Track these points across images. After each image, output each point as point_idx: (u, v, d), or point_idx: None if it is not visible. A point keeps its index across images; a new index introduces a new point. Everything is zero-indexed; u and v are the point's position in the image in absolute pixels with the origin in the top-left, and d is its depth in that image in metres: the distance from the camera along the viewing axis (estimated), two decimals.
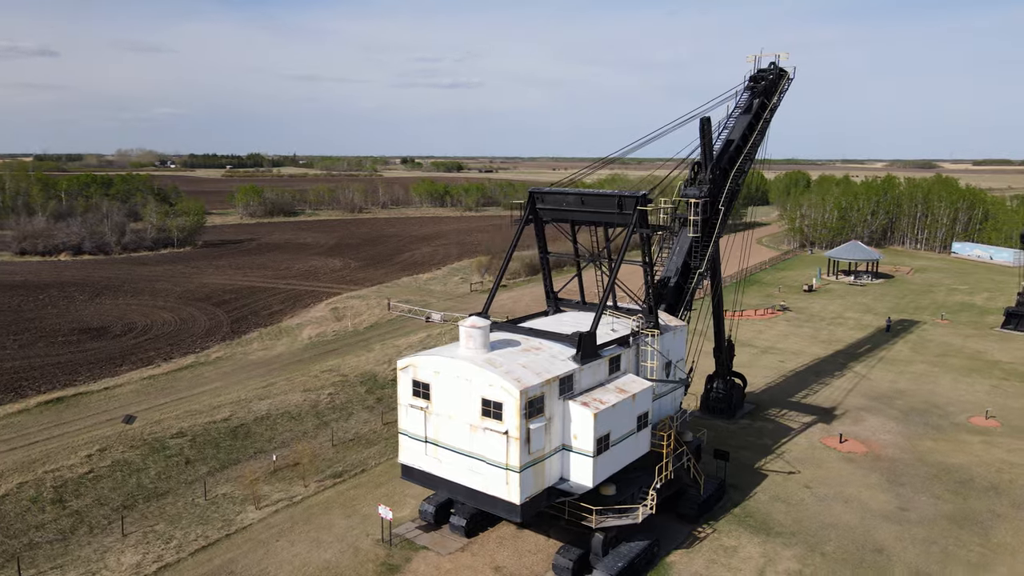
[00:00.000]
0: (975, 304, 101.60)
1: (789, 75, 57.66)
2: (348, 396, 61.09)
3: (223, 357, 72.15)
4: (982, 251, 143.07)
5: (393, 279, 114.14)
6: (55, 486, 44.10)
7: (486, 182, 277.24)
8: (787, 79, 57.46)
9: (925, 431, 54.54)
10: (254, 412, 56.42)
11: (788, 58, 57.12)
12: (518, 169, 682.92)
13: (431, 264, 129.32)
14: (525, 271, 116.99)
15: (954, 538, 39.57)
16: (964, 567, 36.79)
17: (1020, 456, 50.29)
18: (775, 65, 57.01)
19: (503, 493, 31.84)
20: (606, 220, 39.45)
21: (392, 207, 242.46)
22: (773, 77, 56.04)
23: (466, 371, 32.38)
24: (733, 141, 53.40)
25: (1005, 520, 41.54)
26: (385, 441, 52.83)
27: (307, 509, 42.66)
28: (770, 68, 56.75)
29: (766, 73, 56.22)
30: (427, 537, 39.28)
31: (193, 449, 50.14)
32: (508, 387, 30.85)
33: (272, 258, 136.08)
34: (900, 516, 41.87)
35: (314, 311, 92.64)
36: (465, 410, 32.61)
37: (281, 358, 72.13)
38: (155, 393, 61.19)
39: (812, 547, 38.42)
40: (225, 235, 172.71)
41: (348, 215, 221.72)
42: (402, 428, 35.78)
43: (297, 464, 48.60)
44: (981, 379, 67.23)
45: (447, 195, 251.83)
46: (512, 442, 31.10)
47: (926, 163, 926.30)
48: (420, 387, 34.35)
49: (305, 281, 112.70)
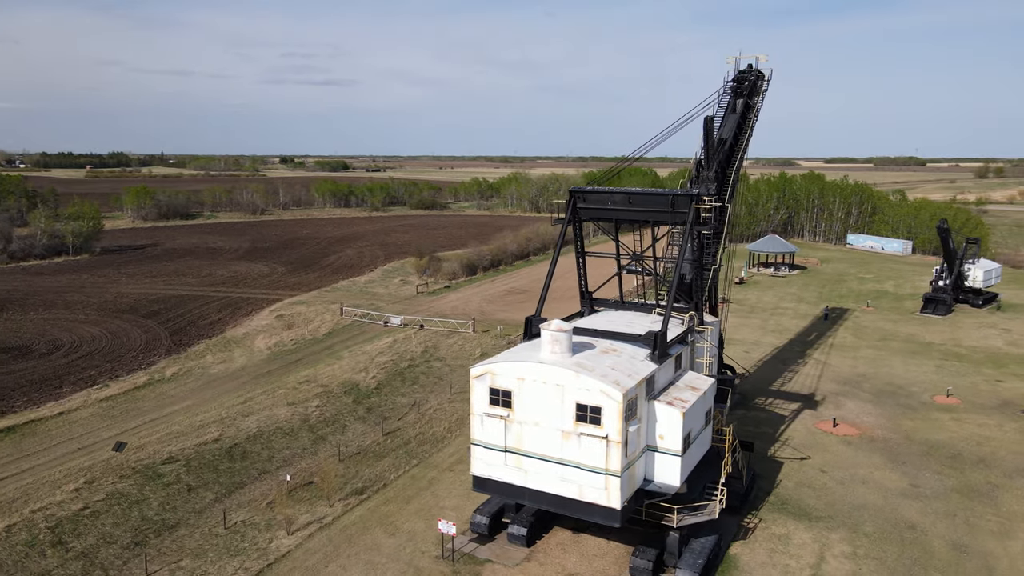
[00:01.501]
0: (887, 291, 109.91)
1: (766, 76, 59.91)
2: (337, 408, 58.22)
3: (180, 373, 66.87)
4: (874, 242, 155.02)
5: (330, 283, 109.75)
6: (50, 526, 39.41)
7: (389, 181, 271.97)
8: (765, 80, 59.68)
9: (900, 411, 58.41)
10: (244, 430, 52.70)
11: (766, 60, 59.42)
12: (405, 168, 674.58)
13: (361, 266, 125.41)
14: (464, 271, 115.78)
15: (969, 510, 42.61)
16: (990, 536, 39.68)
17: (989, 430, 54.80)
18: (752, 67, 59.08)
19: (601, 499, 31.31)
20: (655, 219, 39.63)
21: (294, 208, 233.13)
22: (755, 79, 58.03)
23: (557, 376, 31.59)
24: (726, 140, 54.81)
25: (1005, 490, 45.15)
26: (393, 453, 50.73)
27: (343, 530, 40.31)
28: (749, 70, 58.72)
29: (748, 74, 58.10)
30: (486, 550, 38.09)
31: (191, 474, 46.20)
32: (609, 391, 30.35)
33: (186, 264, 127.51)
34: (915, 493, 44.61)
35: (258, 319, 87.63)
36: (555, 416, 31.81)
37: (246, 371, 67.72)
38: (121, 416, 55.88)
39: (853, 529, 40.24)
40: (121, 240, 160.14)
41: (251, 217, 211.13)
42: (476, 439, 34.39)
43: (310, 483, 45.89)
44: (925, 360, 72.81)
45: (351, 195, 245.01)
46: (612, 446, 30.64)
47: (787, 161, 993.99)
48: (500, 395, 33.21)
49: (235, 288, 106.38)
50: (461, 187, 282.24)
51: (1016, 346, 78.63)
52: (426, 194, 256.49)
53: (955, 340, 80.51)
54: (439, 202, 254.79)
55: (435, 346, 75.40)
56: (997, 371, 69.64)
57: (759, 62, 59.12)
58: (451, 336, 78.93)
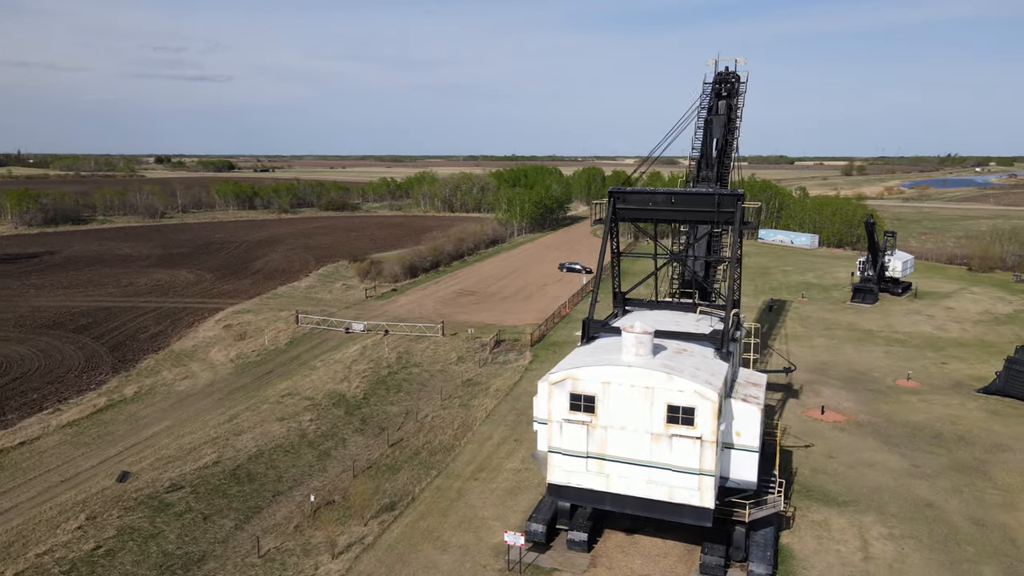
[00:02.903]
0: (812, 283, 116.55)
1: (742, 79, 62.01)
2: (331, 421, 55.59)
3: (142, 392, 61.78)
4: (784, 236, 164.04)
5: (267, 289, 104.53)
6: (64, 571, 35.46)
7: (295, 182, 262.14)
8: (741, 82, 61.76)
9: (873, 396, 62.07)
10: (242, 450, 49.36)
11: (744, 63, 61.43)
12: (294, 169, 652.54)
13: (293, 271, 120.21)
14: (405, 273, 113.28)
15: (971, 485, 45.84)
16: (999, 510, 42.81)
17: (956, 409, 59.16)
18: (729, 69, 60.95)
19: (693, 499, 31.46)
20: (698, 218, 40.15)
21: (195, 211, 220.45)
22: (734, 81, 59.90)
23: (647, 379, 31.44)
24: (717, 140, 56.47)
25: (992, 465, 48.86)
26: (407, 465, 49.03)
27: (390, 550, 38.53)
28: (727, 72, 60.53)
29: (728, 77, 59.88)
30: (547, 558, 37.44)
31: (200, 502, 42.81)
32: (704, 391, 30.52)
33: (99, 273, 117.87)
34: (918, 472, 47.52)
35: (204, 330, 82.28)
36: (644, 419, 31.67)
37: (216, 386, 63.41)
38: (96, 443, 51.01)
39: (880, 511, 42.36)
40: (9, 248, 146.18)
41: (150, 221, 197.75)
42: (553, 446, 33.70)
43: (331, 502, 43.59)
44: (873, 347, 77.74)
45: (256, 196, 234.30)
46: (707, 446, 30.86)
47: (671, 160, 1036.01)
48: (582, 400, 32.69)
49: (165, 297, 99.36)
50: (369, 187, 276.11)
51: (943, 331, 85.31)
52: (334, 195, 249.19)
53: (891, 327, 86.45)
54: (349, 203, 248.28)
55: (408, 352, 73.37)
56: (938, 354, 75.29)
57: (737, 65, 61.17)
58: (420, 341, 77.04)
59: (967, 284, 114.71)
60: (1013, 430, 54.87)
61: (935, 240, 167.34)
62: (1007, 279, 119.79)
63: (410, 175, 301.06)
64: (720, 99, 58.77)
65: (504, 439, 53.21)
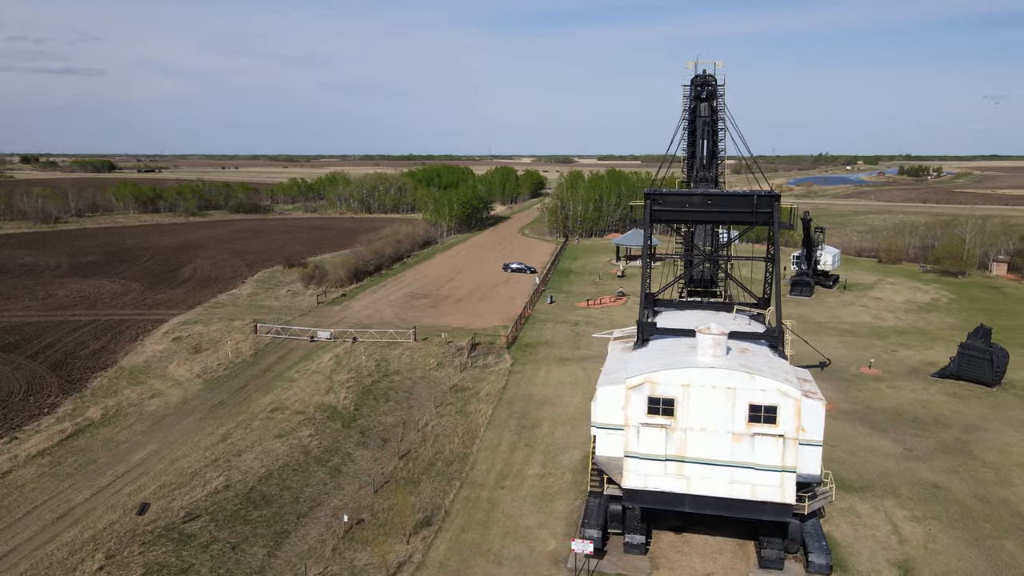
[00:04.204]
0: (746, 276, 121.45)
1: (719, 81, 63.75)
2: (331, 435, 53.19)
3: (110, 414, 56.94)
4: None
5: (207, 298, 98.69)
6: None
7: (200, 184, 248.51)
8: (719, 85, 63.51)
9: (844, 384, 65.45)
10: (249, 472, 46.42)
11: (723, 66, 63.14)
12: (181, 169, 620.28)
13: (226, 278, 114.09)
14: (349, 277, 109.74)
15: (963, 464, 49.13)
16: (997, 486, 46.08)
17: (922, 394, 63.28)
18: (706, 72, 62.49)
19: (775, 496, 32.13)
20: (735, 219, 40.92)
21: (92, 215, 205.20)
22: (714, 84, 61.49)
23: (728, 379, 31.84)
24: (706, 142, 57.76)
25: (973, 444, 52.54)
26: (425, 478, 47.59)
27: (442, 567, 37.32)
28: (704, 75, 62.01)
29: (707, 79, 61.31)
30: (608, 564, 37.26)
31: (222, 530, 39.96)
32: (787, 390, 31.22)
33: (5, 285, 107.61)
34: (912, 455, 50.50)
35: (151, 344, 76.78)
36: (725, 419, 32.05)
37: (192, 404, 59.30)
38: (81, 473, 46.60)
39: (895, 494, 44.71)
40: None
41: (44, 227, 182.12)
42: (630, 450, 33.55)
43: (360, 521, 41.74)
44: (827, 337, 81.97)
45: (159, 199, 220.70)
46: (789, 444, 31.61)
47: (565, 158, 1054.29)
48: (661, 404, 32.70)
49: (94, 310, 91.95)
50: (279, 188, 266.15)
51: (881, 320, 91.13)
52: (243, 197, 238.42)
53: (836, 318, 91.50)
54: (260, 205, 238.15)
55: (384, 359, 71.18)
56: (885, 343, 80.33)
57: (716, 68, 62.87)
58: (393, 347, 74.93)
59: (883, 275, 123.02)
60: (977, 411, 59.21)
61: (840, 235, 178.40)
62: (915, 270, 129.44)
63: (320, 175, 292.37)
64: (701, 101, 60.16)
65: (514, 445, 52.55)
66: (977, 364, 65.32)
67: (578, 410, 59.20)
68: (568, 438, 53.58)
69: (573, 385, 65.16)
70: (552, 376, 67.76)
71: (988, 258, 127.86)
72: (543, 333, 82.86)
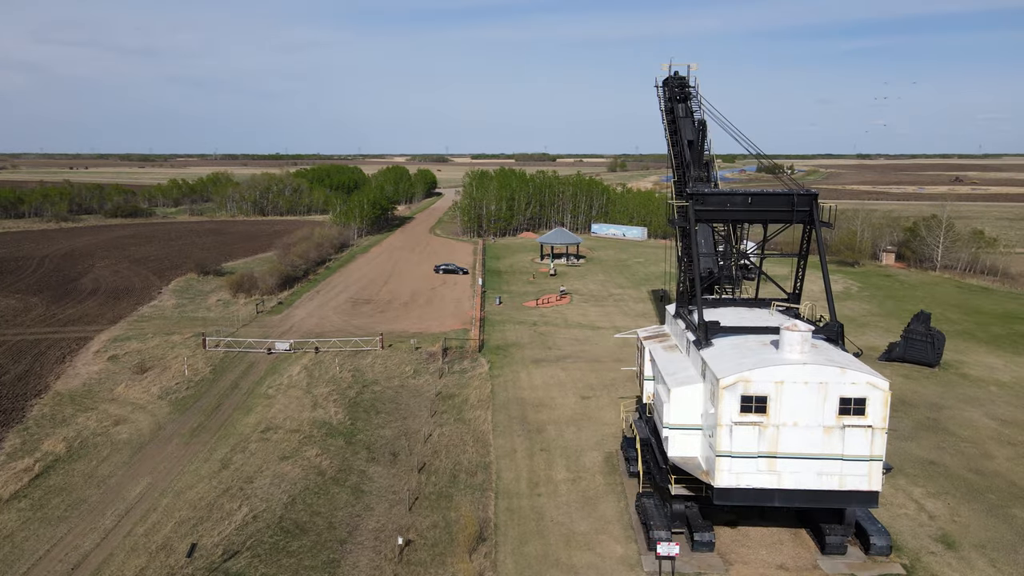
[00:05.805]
0: (672, 272, 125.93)
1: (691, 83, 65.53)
2: (338, 454, 50.19)
3: (76, 447, 50.81)
4: (615, 230, 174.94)
5: (126, 313, 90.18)
6: None
7: (67, 185, 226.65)
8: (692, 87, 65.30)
9: None
10: (272, 499, 42.94)
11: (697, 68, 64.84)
12: (21, 169, 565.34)
13: (138, 289, 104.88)
14: (279, 285, 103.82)
15: (945, 440, 53.22)
16: (982, 459, 50.28)
17: None
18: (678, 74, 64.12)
19: (863, 484, 33.44)
20: (774, 218, 42.14)
21: None
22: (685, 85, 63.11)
23: (820, 375, 32.81)
24: (693, 142, 59.30)
25: (945, 421, 57.06)
26: (455, 491, 45.78)
27: None
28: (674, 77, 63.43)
29: (680, 81, 62.71)
30: (683, 564, 37.43)
31: (269, 566, 36.79)
32: (875, 382, 32.60)
33: None
34: (902, 435, 54.06)
35: (83, 366, 69.33)
36: (816, 413, 33.00)
37: (168, 430, 54.01)
38: (74, 516, 41.27)
39: (903, 473, 47.73)
40: None
41: None
42: (722, 450, 33.77)
43: (409, 542, 39.66)
44: None
45: (21, 203, 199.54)
46: (877, 433, 33.00)
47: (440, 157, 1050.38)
48: (753, 401, 33.18)
49: (2, 330, 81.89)
50: (158, 190, 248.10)
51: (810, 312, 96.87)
52: (119, 200, 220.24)
53: None
54: (141, 208, 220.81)
55: (357, 369, 68.01)
56: None
57: (690, 70, 64.47)
58: (361, 356, 71.72)
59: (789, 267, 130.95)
60: (933, 391, 64.36)
61: None
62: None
63: (200, 176, 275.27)
64: (679, 102, 61.63)
65: (530, 451, 51.73)
66: (920, 347, 71.01)
67: (575, 411, 59.16)
68: (579, 440, 53.37)
69: (560, 386, 64.99)
70: (535, 378, 67.25)
71: (878, 248, 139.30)
72: (507, 335, 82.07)
